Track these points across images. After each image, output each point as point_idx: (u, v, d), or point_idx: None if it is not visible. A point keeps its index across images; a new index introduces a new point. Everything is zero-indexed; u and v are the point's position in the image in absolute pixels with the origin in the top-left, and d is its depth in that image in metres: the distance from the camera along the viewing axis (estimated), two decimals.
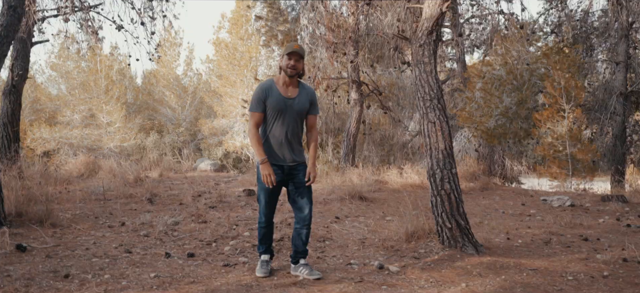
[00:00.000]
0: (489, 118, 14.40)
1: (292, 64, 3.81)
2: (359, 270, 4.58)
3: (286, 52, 3.85)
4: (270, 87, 3.85)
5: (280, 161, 3.92)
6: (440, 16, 5.49)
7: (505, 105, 14.18)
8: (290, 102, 3.85)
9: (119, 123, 26.25)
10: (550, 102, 11.87)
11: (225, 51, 26.94)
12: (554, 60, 12.06)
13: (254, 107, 3.86)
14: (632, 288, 4.26)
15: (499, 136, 14.39)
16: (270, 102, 3.81)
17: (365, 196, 7.47)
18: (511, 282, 4.30)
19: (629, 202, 7.92)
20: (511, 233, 6.06)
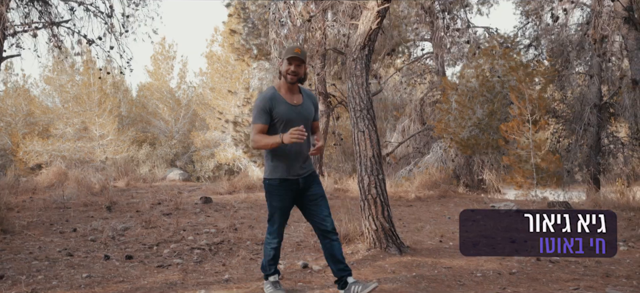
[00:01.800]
0: (462, 129, 14.78)
1: (293, 69, 3.50)
2: (284, 269, 4.93)
3: (286, 56, 3.53)
4: (274, 96, 3.52)
5: (295, 174, 3.59)
6: (372, 32, 5.89)
7: (478, 116, 14.57)
8: (298, 109, 3.57)
9: (111, 135, 26.68)
10: (516, 113, 12.25)
11: (217, 64, 27.45)
12: (520, 73, 12.45)
13: (258, 119, 3.48)
14: (530, 283, 4.62)
15: (472, 146, 14.77)
16: (278, 112, 3.48)
17: None
18: (419, 278, 4.65)
19: (571, 208, 8.26)
20: (446, 237, 6.40)
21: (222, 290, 4.19)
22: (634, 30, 6.14)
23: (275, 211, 3.66)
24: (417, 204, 8.81)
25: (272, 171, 3.58)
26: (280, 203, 3.61)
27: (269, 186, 3.60)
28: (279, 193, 3.58)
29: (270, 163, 3.59)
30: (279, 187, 3.56)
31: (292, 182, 3.59)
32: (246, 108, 14.44)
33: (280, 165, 3.55)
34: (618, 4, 6.30)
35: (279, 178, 3.56)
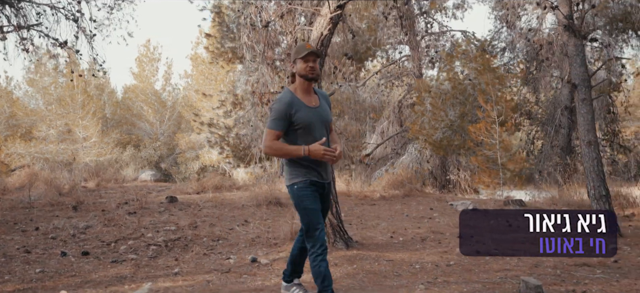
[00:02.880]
0: (436, 130, 15.14)
1: (311, 65, 3.33)
2: (233, 263, 5.20)
3: (300, 55, 3.34)
4: (294, 101, 3.32)
5: (320, 179, 3.41)
6: (324, 37, 6.19)
7: (450, 118, 14.93)
8: (317, 111, 3.40)
9: (95, 138, 26.75)
10: (484, 115, 12.60)
11: (202, 66, 27.63)
12: (489, 77, 12.81)
13: (275, 125, 3.29)
14: (463, 273, 4.93)
15: (445, 147, 15.13)
16: (299, 117, 3.29)
17: (283, 203, 8.10)
18: (359, 269, 4.94)
19: (526, 206, 8.61)
20: (397, 233, 6.70)
21: (168, 282, 4.45)
22: (574, 38, 6.48)
23: (312, 214, 3.33)
24: (380, 203, 9.12)
25: (299, 175, 3.33)
26: (315, 204, 3.35)
27: (300, 190, 3.32)
28: (312, 195, 3.34)
29: (296, 167, 3.34)
30: (310, 188, 3.33)
31: (320, 186, 3.41)
32: (221, 110, 14.67)
33: (309, 168, 3.33)
34: (559, 12, 6.64)
35: (309, 179, 3.33)
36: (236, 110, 13.44)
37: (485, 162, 12.51)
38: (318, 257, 3.34)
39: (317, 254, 3.34)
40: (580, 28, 6.78)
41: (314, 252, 3.34)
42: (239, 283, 4.48)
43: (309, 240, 3.37)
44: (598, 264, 5.27)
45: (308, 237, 3.37)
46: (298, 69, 3.38)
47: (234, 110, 13.61)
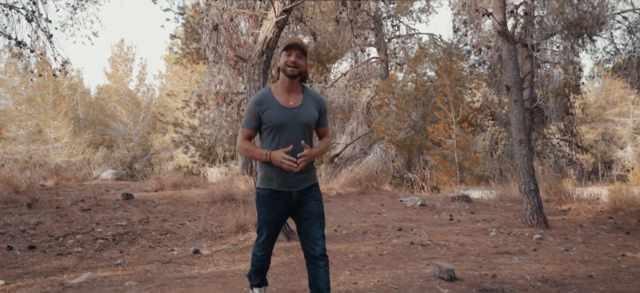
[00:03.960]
0: (399, 131, 15.59)
1: (293, 59, 3.02)
2: (176, 255, 5.47)
3: (284, 47, 3.08)
4: (267, 98, 3.07)
5: (287, 187, 3.09)
6: (270, 41, 6.50)
7: (413, 118, 15.40)
8: (294, 112, 3.06)
9: (66, 138, 26.59)
10: (442, 116, 13.06)
11: (176, 67, 27.63)
12: (445, 78, 13.27)
13: (246, 124, 3.11)
14: (391, 261, 5.27)
15: (408, 147, 15.59)
16: (268, 115, 3.03)
17: (238, 199, 8.37)
18: (294, 259, 5.27)
19: (472, 202, 9.05)
20: (342, 227, 7.04)
21: (108, 272, 4.70)
22: (507, 43, 6.90)
23: (263, 223, 3.19)
24: (335, 200, 9.46)
25: (263, 181, 3.12)
26: (268, 216, 3.14)
27: (258, 196, 3.16)
28: (267, 205, 3.12)
29: (263, 171, 3.11)
30: (268, 199, 3.10)
31: (284, 195, 3.09)
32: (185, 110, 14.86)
33: (273, 175, 3.06)
34: (494, 19, 7.06)
35: (269, 189, 3.09)
36: (201, 110, 13.65)
37: (443, 161, 12.96)
38: (255, 256, 3.36)
39: (255, 255, 3.35)
40: (513, 34, 7.21)
41: (254, 254, 3.35)
42: (175, 272, 4.75)
43: (257, 236, 3.31)
44: (518, 252, 5.68)
45: (257, 237, 3.31)
46: (281, 62, 3.08)
47: (198, 110, 13.82)
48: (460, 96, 13.58)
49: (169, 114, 25.71)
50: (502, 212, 8.32)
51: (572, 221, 7.54)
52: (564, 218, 7.78)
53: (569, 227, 7.01)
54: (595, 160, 37.33)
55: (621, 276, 4.72)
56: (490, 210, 8.54)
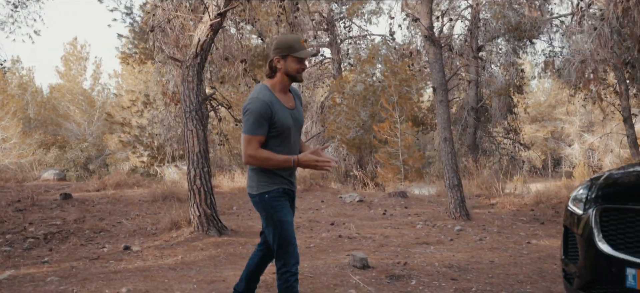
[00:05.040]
0: (349, 130, 15.99)
1: (304, 67, 2.96)
2: (106, 252, 5.61)
3: (295, 53, 2.86)
4: (273, 99, 2.87)
5: (291, 186, 3.02)
6: (204, 43, 6.70)
7: (362, 118, 15.83)
8: (294, 114, 3.00)
9: (15, 139, 25.82)
10: (387, 115, 13.50)
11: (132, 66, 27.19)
12: (390, 79, 13.72)
13: (257, 128, 2.78)
14: (316, 253, 5.57)
15: (357, 146, 16.01)
16: (278, 119, 2.84)
17: (181, 197, 8.52)
18: (222, 252, 5.50)
19: (407, 197, 9.48)
20: None
21: (33, 269, 4.81)
22: (433, 47, 7.32)
23: (287, 227, 2.89)
24: None
25: (270, 182, 2.90)
26: (290, 216, 2.94)
27: (271, 199, 2.87)
28: (285, 205, 2.92)
29: (265, 174, 2.90)
30: (282, 198, 2.92)
31: (290, 194, 3.02)
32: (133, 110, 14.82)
33: (279, 175, 2.92)
34: (420, 24, 7.47)
35: (282, 188, 2.93)
36: (148, 110, 13.65)
37: (389, 159, 13.42)
38: (292, 276, 2.88)
39: (291, 273, 2.88)
40: (439, 38, 7.65)
41: (287, 270, 2.87)
42: (101, 268, 4.90)
43: (281, 256, 2.88)
44: (436, 242, 6.08)
45: (281, 253, 2.88)
46: (288, 66, 2.88)
47: (145, 109, 13.82)
48: (405, 96, 14.07)
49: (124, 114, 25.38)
50: (435, 207, 8.76)
51: (496, 214, 8.05)
52: (490, 211, 8.29)
53: (490, 219, 7.50)
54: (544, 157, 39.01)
55: (520, 261, 5.17)
56: (424, 205, 8.98)
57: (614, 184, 3.07)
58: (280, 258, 2.88)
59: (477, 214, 7.90)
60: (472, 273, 4.68)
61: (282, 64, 2.88)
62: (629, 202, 2.79)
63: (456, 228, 6.80)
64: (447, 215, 7.60)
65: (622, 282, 2.67)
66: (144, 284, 4.24)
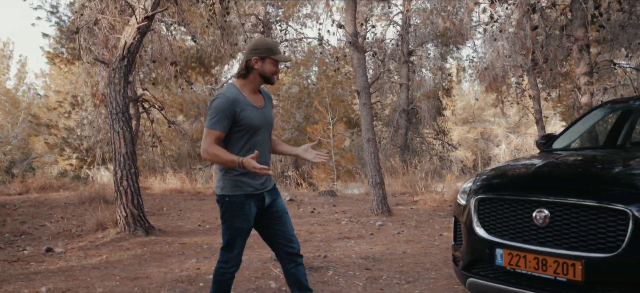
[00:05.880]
0: (285, 131, 16.28)
1: (278, 71, 3.03)
2: (27, 254, 5.56)
3: (274, 56, 2.94)
4: (239, 97, 2.90)
5: (260, 188, 2.99)
6: (131, 45, 6.74)
7: (297, 119, 16.19)
8: (264, 113, 3.02)
9: None
10: (320, 117, 13.89)
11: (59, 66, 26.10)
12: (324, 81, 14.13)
13: (217, 124, 2.83)
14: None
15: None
16: (244, 117, 2.87)
17: (108, 199, 8.47)
18: (148, 251, 5.60)
19: (336, 196, 9.89)
20: (207, 222, 7.45)
21: None
22: (357, 52, 7.72)
23: (238, 234, 2.96)
24: (210, 198, 9.83)
25: (234, 185, 2.91)
26: (246, 224, 2.95)
27: (231, 204, 2.91)
28: (244, 212, 2.92)
29: (230, 175, 2.91)
30: (244, 205, 2.91)
31: (259, 198, 2.98)
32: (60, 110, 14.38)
33: (244, 177, 2.90)
34: (345, 31, 7.86)
35: (243, 194, 2.91)
36: (76, 111, 13.30)
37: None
38: (228, 274, 3.02)
39: (228, 272, 3.02)
40: (363, 44, 8.08)
41: (226, 269, 3.01)
42: (21, 269, 4.89)
43: (225, 254, 3.01)
44: (357, 237, 6.47)
45: (226, 252, 3.00)
46: (265, 68, 2.93)
47: (73, 111, 13.45)
48: (338, 98, 14.52)
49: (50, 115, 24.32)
50: (362, 205, 9.20)
51: (417, 210, 8.59)
52: (412, 208, 8.82)
53: (410, 215, 8.01)
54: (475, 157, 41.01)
55: (430, 251, 5.64)
56: (351, 203, 9.40)
57: (491, 177, 3.52)
58: (223, 255, 3.02)
59: (400, 210, 8.40)
60: (385, 263, 5.08)
61: (260, 65, 2.92)
62: (499, 192, 3.24)
63: (377, 224, 7.23)
64: (370, 211, 8.03)
65: (493, 261, 3.10)
66: (66, 283, 4.31)
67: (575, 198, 2.81)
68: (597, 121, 4.65)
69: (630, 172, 3.03)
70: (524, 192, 3.14)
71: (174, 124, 12.27)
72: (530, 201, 2.99)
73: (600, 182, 2.99)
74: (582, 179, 3.15)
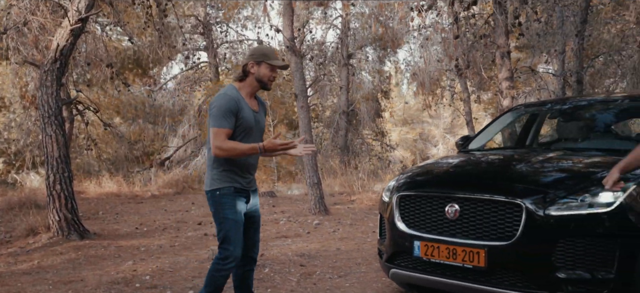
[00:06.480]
0: None
1: (275, 75, 3.16)
2: None
3: (269, 61, 3.05)
4: (239, 97, 3.04)
5: (247, 186, 3.13)
6: (64, 48, 6.63)
7: None
8: (257, 116, 3.17)
9: None
10: None
11: None
12: None
13: (224, 121, 2.93)
14: (179, 250, 5.84)
15: None
16: (243, 117, 3.00)
17: (40, 204, 8.23)
18: (82, 255, 5.55)
19: (276, 197, 10.08)
20: (144, 224, 7.43)
21: None
22: (295, 56, 7.94)
23: (231, 226, 3.01)
24: (149, 201, 9.76)
25: (224, 178, 3.02)
26: (239, 216, 3.04)
27: (222, 196, 3.01)
28: (233, 204, 3.02)
29: (220, 171, 3.03)
30: (234, 197, 3.03)
31: (245, 194, 3.12)
32: None
33: (234, 173, 3.04)
34: (283, 35, 8.06)
35: (233, 186, 3.04)
36: (3, 114, 12.72)
37: (262, 160, 13.96)
38: (223, 271, 3.05)
39: (224, 269, 3.05)
40: (300, 49, 8.31)
41: (222, 266, 3.04)
42: None
43: (222, 251, 3.05)
44: (294, 236, 6.68)
45: (223, 247, 3.05)
46: (261, 72, 3.06)
47: None
48: (279, 100, 14.68)
49: None
50: (301, 204, 9.43)
51: (353, 209, 8.92)
52: (349, 207, 9.15)
53: (346, 214, 8.32)
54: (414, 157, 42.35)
55: (363, 247, 5.94)
56: (290, 203, 9.61)
57: (411, 176, 3.84)
58: (222, 252, 3.05)
59: (337, 210, 8.70)
60: (320, 259, 5.32)
61: (256, 69, 3.06)
62: (417, 189, 3.56)
63: (315, 223, 7.48)
64: (308, 211, 8.27)
65: (412, 253, 3.41)
66: None
67: (480, 193, 3.17)
68: (508, 123, 5.10)
69: (527, 169, 3.43)
70: (438, 189, 3.47)
71: (110, 126, 12.00)
72: (443, 197, 3.32)
73: (501, 178, 3.36)
74: (486, 176, 3.53)
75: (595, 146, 4.02)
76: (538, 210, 2.91)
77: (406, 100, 44.62)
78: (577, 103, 4.86)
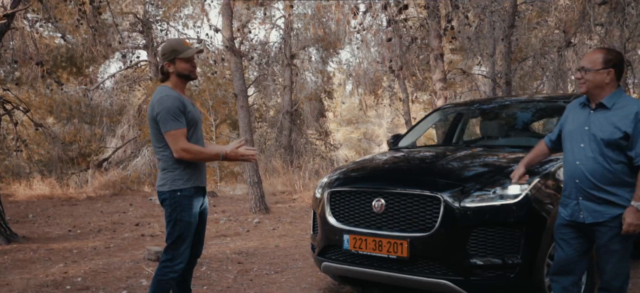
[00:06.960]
0: None
1: (194, 64, 3.07)
2: None
3: (181, 54, 2.95)
4: (179, 96, 2.97)
5: (203, 183, 3.10)
6: None
7: None
8: (198, 110, 3.15)
9: None
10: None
11: None
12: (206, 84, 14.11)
13: (179, 122, 2.87)
14: (115, 251, 5.74)
15: None
16: (189, 112, 2.96)
17: None
18: (9, 259, 5.35)
19: (217, 197, 10.06)
20: (78, 227, 7.23)
21: None
22: (234, 57, 7.96)
23: (186, 228, 2.97)
24: (84, 203, 9.46)
25: (184, 179, 2.95)
26: (194, 218, 3.00)
27: (183, 198, 2.93)
28: (192, 206, 2.97)
29: (181, 170, 2.94)
30: (193, 199, 2.98)
31: (202, 192, 3.09)
32: None
33: (194, 172, 2.99)
34: (222, 35, 8.06)
35: (194, 187, 2.98)
36: None
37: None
38: (171, 273, 2.98)
39: (172, 270, 2.98)
40: (239, 49, 8.34)
41: (170, 267, 2.97)
42: None
43: (171, 252, 2.98)
44: (233, 234, 6.72)
45: (172, 248, 2.98)
46: (179, 68, 2.98)
47: None
48: (221, 100, 14.58)
49: None
50: (242, 204, 9.45)
51: (294, 207, 9.04)
52: (290, 205, 9.26)
53: (286, 212, 8.43)
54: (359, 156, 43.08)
55: (301, 244, 6.07)
56: (231, 203, 9.61)
57: (341, 172, 4.00)
58: (169, 253, 2.98)
59: (278, 208, 8.79)
60: (257, 257, 5.41)
61: (173, 68, 2.98)
62: (347, 185, 3.72)
63: (255, 221, 7.54)
64: (249, 210, 8.32)
65: (342, 246, 3.56)
66: None
67: (403, 188, 3.36)
68: (435, 122, 5.38)
69: (447, 165, 3.67)
70: (366, 185, 3.65)
71: (42, 126, 11.48)
72: (370, 192, 3.50)
73: (423, 173, 3.58)
74: (410, 172, 3.75)
75: (514, 143, 4.33)
76: (454, 203, 3.13)
77: (343, 101, 45.34)
78: (500, 103, 5.21)
